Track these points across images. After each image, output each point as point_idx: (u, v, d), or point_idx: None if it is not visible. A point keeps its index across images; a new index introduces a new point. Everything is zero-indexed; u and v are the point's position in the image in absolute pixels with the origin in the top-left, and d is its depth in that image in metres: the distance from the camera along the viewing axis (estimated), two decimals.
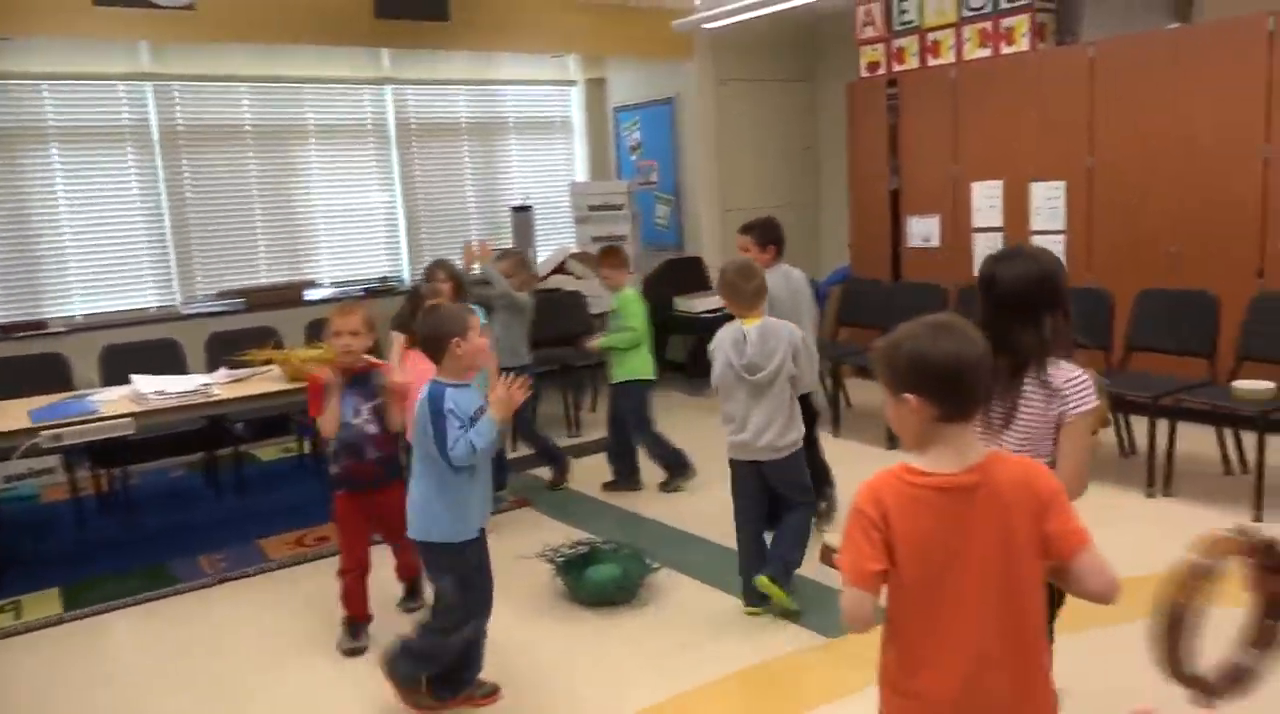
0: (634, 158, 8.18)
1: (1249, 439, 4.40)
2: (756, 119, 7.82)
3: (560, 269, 7.45)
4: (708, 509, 4.50)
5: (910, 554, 1.58)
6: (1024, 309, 2.16)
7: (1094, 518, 1.71)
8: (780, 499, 3.63)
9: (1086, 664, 2.94)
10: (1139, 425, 4.74)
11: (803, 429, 3.61)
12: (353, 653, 3.41)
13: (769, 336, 3.49)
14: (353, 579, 3.45)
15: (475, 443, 2.69)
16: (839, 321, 6.62)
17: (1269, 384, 4.25)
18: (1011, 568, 1.56)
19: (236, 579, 4.20)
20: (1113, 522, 4.03)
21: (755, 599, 3.53)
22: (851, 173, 7.26)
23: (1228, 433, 4.65)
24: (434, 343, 2.78)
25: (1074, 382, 2.13)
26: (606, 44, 7.26)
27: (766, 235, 4.26)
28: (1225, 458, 4.66)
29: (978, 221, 6.40)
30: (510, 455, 5.43)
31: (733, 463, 3.60)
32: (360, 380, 3.37)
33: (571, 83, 8.34)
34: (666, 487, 5.05)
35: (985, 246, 6.36)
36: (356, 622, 3.48)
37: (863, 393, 6.27)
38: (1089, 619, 3.31)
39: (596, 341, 5.12)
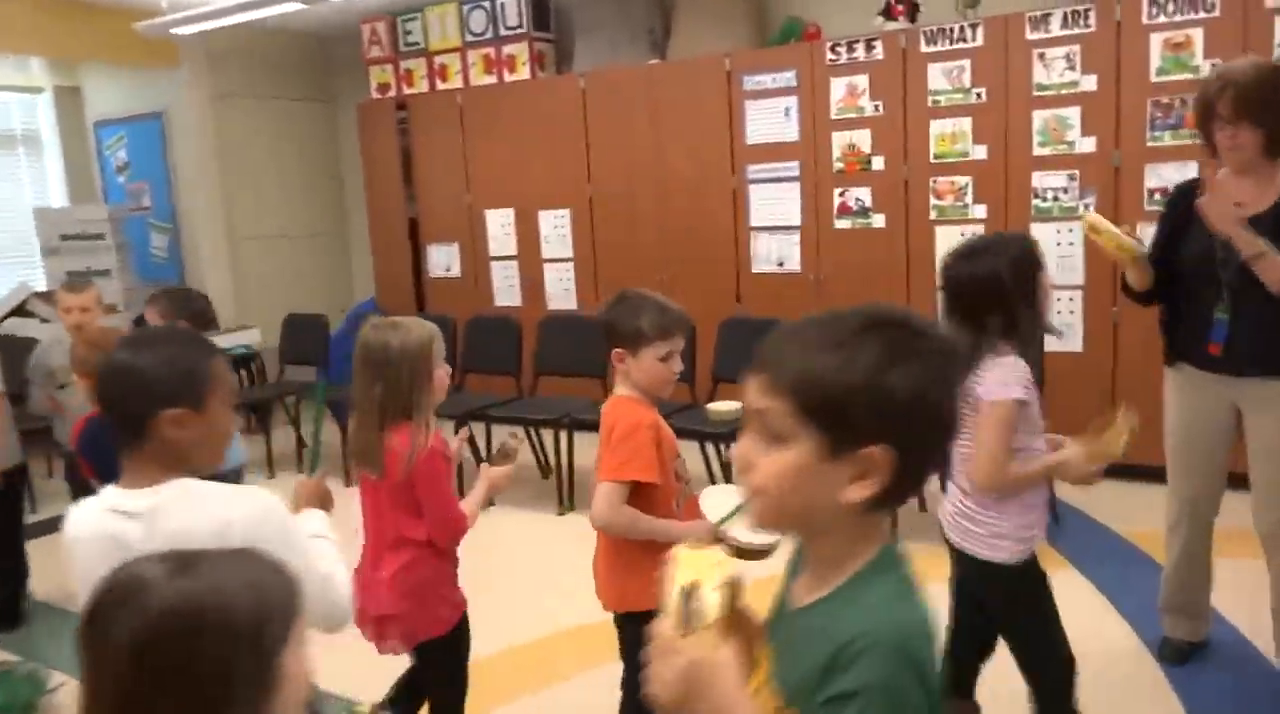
0: (122, 179, 7.10)
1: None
2: (270, 140, 7.12)
3: (20, 311, 6.21)
4: None
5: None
6: (973, 307, 2.11)
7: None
8: None
9: None
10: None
11: None
12: None
13: None
14: None
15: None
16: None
17: (736, 404, 4.46)
18: None
19: None
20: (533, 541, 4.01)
21: None
22: (369, 200, 6.84)
23: (711, 449, 4.85)
24: None
25: (994, 368, 2.06)
26: (66, 45, 6.16)
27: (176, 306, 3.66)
28: (710, 473, 4.85)
29: (494, 250, 6.27)
30: None
31: None
32: None
33: (38, 89, 7.07)
34: None
35: (503, 276, 6.26)
36: None
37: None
38: None
39: None
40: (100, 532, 1.51)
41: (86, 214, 6.60)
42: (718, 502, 2.20)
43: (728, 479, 4.66)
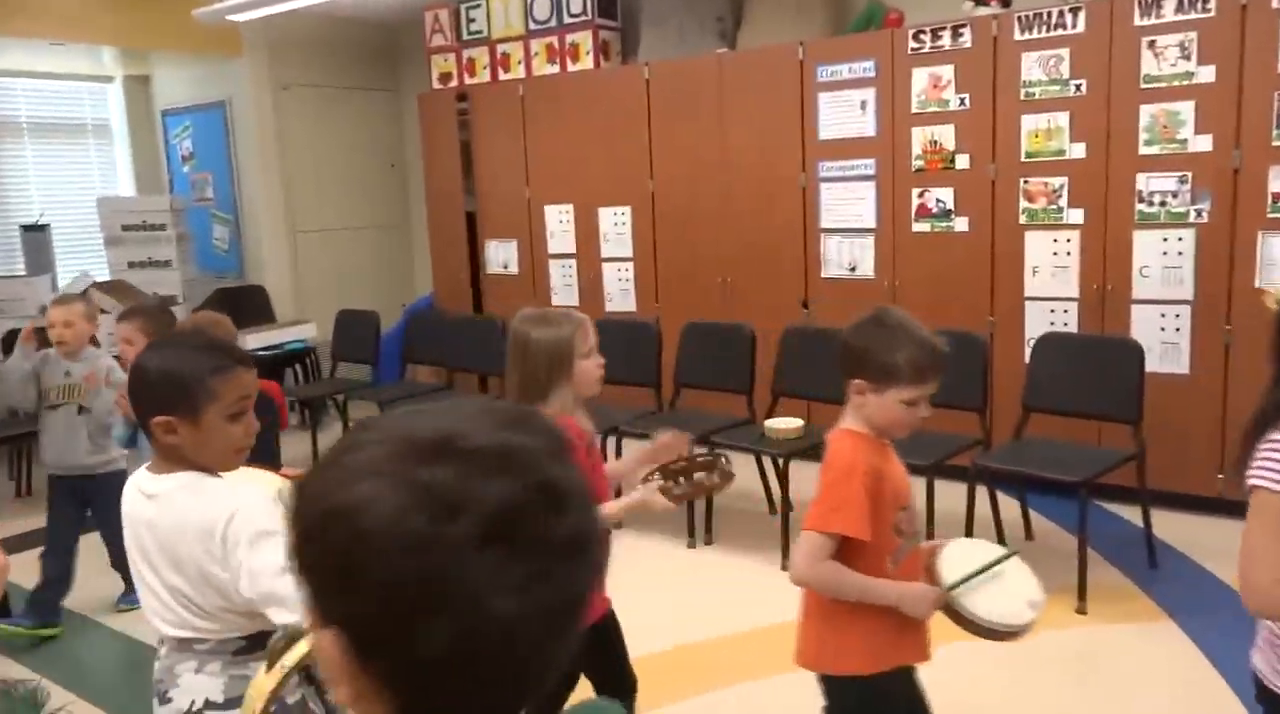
0: (187, 169, 7.06)
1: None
2: (331, 131, 7.00)
3: None
4: None
5: None
6: None
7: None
8: None
9: None
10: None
11: None
12: None
13: None
14: None
15: None
16: (407, 359, 5.96)
17: (797, 421, 4.12)
18: None
19: None
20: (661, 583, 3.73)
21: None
22: (428, 193, 6.66)
23: (770, 472, 4.52)
24: None
25: (1266, 443, 1.55)
26: (132, 33, 6.12)
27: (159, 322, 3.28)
28: (769, 496, 4.52)
29: (553, 247, 6.02)
30: None
31: None
32: None
33: (109, 79, 7.07)
34: None
35: (561, 274, 6.01)
36: None
37: None
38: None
39: None
40: (129, 511, 1.64)
41: (148, 204, 6.57)
42: (957, 560, 1.87)
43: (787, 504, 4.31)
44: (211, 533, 1.53)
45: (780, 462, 4.00)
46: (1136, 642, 3.17)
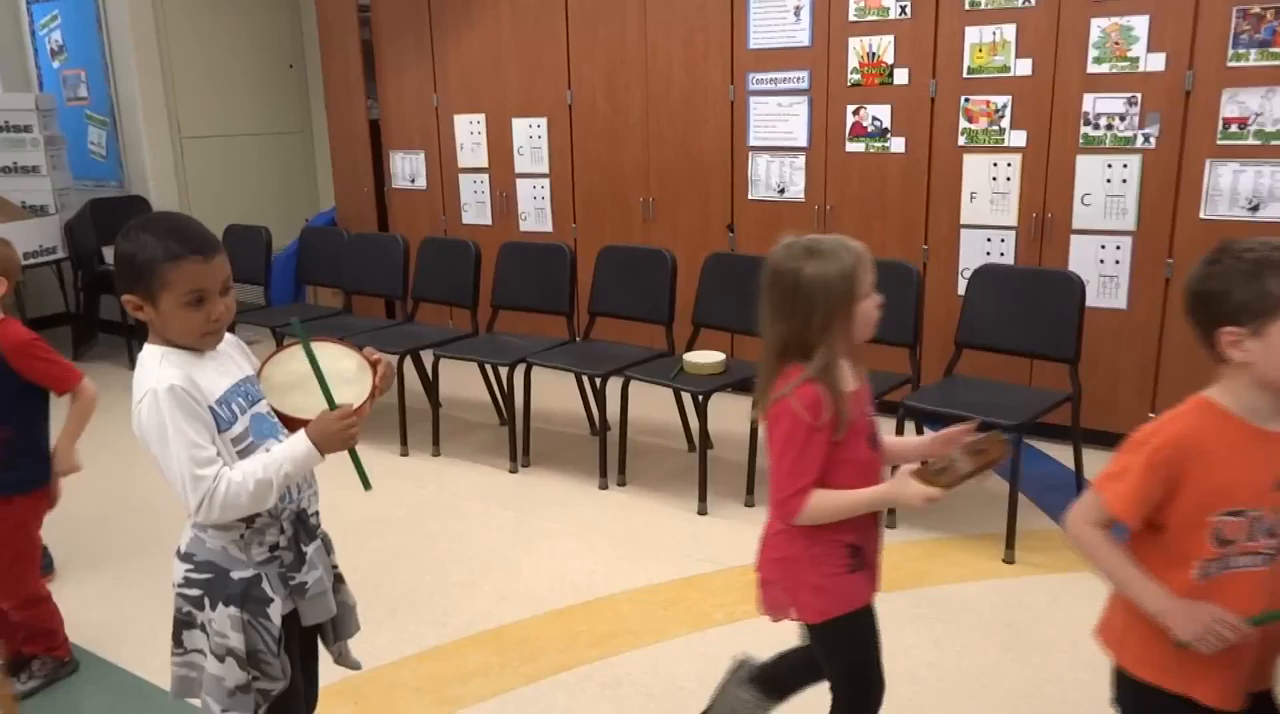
0: (57, 65, 6.37)
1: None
2: (221, 24, 6.36)
3: None
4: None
5: None
6: None
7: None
8: None
9: None
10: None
11: None
12: None
13: None
14: None
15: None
16: (302, 280, 5.51)
17: (718, 355, 3.84)
18: None
19: None
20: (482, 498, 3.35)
21: None
22: (328, 98, 6.12)
23: (690, 409, 4.24)
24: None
25: None
26: None
27: None
28: (687, 434, 4.26)
29: (464, 161, 5.58)
30: None
31: None
32: None
33: None
34: None
35: (472, 190, 5.58)
36: None
37: None
38: None
39: None
40: None
41: (11, 103, 5.90)
42: None
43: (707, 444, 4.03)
44: (137, 407, 1.60)
45: (700, 397, 3.71)
46: (1064, 591, 3.01)
